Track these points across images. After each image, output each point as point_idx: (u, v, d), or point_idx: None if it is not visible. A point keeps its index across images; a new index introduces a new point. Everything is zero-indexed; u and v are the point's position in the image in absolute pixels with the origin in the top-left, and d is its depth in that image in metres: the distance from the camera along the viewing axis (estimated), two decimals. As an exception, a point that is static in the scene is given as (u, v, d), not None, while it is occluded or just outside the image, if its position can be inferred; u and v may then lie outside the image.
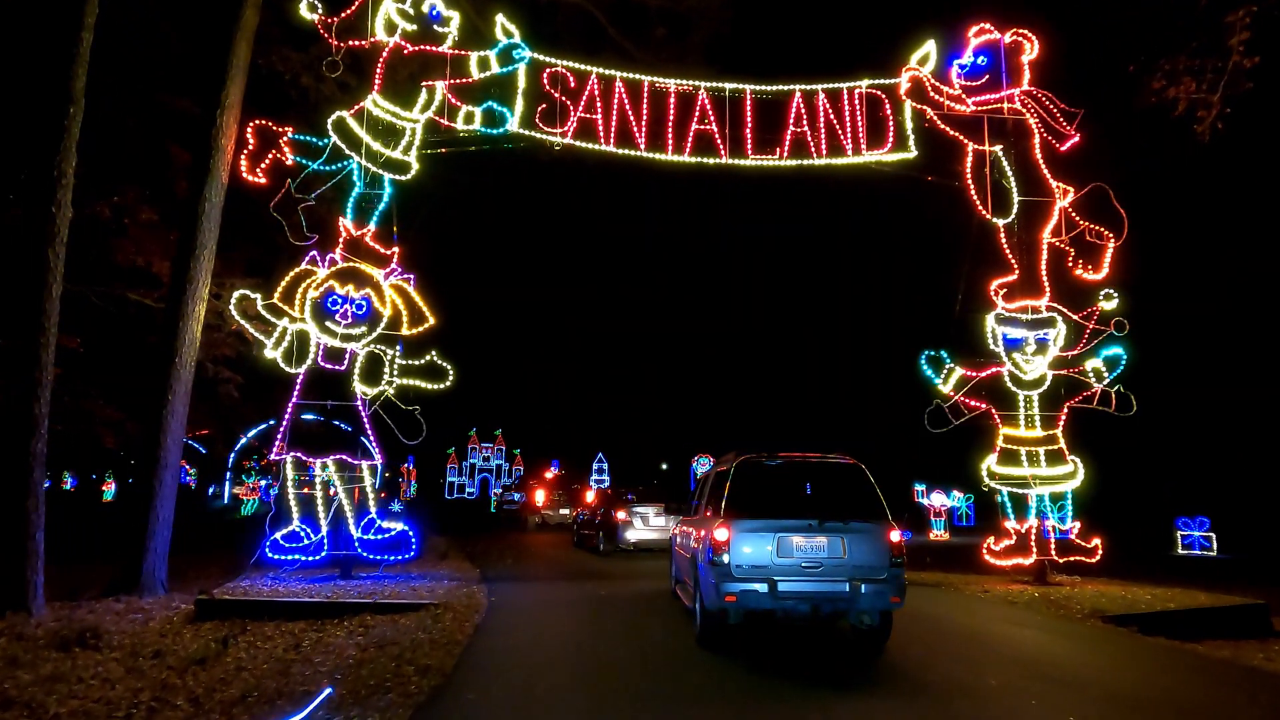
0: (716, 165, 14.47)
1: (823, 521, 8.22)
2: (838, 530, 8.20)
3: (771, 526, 8.23)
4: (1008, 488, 14.24)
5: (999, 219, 14.85)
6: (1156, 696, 7.06)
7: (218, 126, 13.05)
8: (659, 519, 20.01)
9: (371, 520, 12.90)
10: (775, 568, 8.11)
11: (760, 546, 8.16)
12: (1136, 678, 7.79)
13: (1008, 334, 14.46)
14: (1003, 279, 14.75)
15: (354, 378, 13.05)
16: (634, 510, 20.32)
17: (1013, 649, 8.86)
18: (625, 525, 20.05)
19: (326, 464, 12.93)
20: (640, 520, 20.14)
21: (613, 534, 20.34)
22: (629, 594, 12.04)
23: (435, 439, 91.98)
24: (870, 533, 8.28)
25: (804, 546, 8.17)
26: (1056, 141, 15.01)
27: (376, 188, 13.72)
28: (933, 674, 7.67)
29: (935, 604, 11.93)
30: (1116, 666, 8.23)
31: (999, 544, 14.20)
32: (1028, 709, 6.58)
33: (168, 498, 12.16)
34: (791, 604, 8.08)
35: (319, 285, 13.06)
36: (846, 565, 8.11)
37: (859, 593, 8.03)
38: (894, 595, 8.16)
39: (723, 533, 8.24)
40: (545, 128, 14.21)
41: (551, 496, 37.90)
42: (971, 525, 40.77)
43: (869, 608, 8.25)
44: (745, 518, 8.34)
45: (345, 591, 11.42)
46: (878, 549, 8.21)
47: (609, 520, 20.70)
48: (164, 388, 12.25)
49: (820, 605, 8.11)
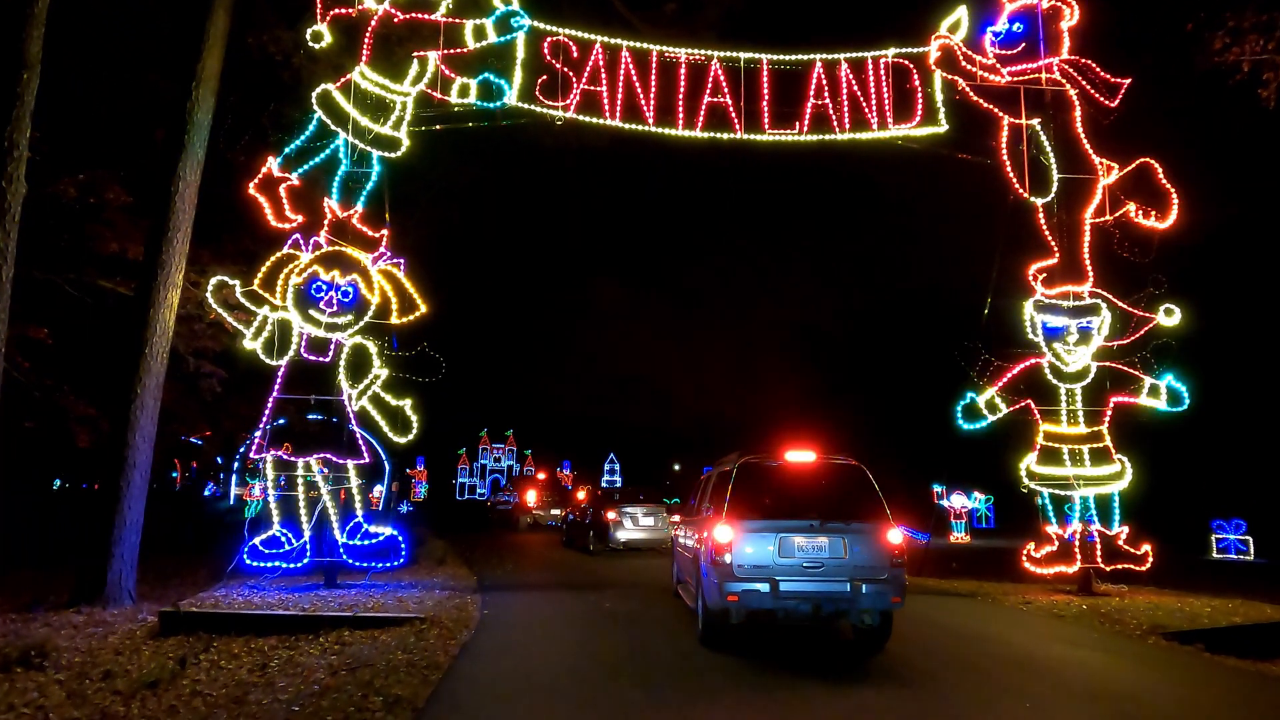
0: (731, 141, 13.40)
1: (824, 522, 8.24)
2: (839, 531, 8.24)
3: (773, 527, 8.26)
4: (1049, 489, 13.10)
5: (1037, 198, 13.71)
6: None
7: (193, 100, 12.11)
8: (647, 519, 20.71)
9: (358, 525, 11.92)
10: (777, 568, 8.15)
11: (762, 547, 8.19)
12: (1218, 710, 6.69)
13: (1048, 322, 13.32)
14: (1042, 263, 13.62)
15: (339, 370, 12.09)
16: (623, 511, 20.87)
17: (1072, 675, 7.74)
18: (615, 525, 20.53)
19: (310, 464, 11.97)
20: (629, 520, 20.66)
21: (603, 534, 20.72)
22: (631, 609, 10.98)
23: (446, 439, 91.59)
24: (871, 533, 8.31)
25: (805, 547, 8.20)
26: (1099, 114, 13.88)
27: (364, 166, 12.76)
28: (992, 716, 6.58)
29: (975, 618, 10.83)
30: (1192, 696, 7.11)
31: (1040, 550, 13.05)
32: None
33: (136, 499, 11.23)
34: (793, 603, 8.11)
35: (302, 271, 12.10)
36: (847, 565, 8.15)
37: (860, 592, 8.05)
38: (894, 595, 8.16)
39: (725, 533, 8.27)
40: (546, 101, 13.19)
41: (542, 497, 38.74)
42: (991, 527, 39.55)
43: (870, 607, 8.24)
44: (747, 518, 8.36)
45: (326, 603, 10.44)
46: (878, 549, 8.23)
47: (599, 520, 21.09)
48: (132, 380, 11.31)
49: (821, 605, 8.12)
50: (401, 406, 12.28)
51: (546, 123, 13.61)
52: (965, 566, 18.48)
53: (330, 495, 11.93)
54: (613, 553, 20.25)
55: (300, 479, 11.93)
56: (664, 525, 20.49)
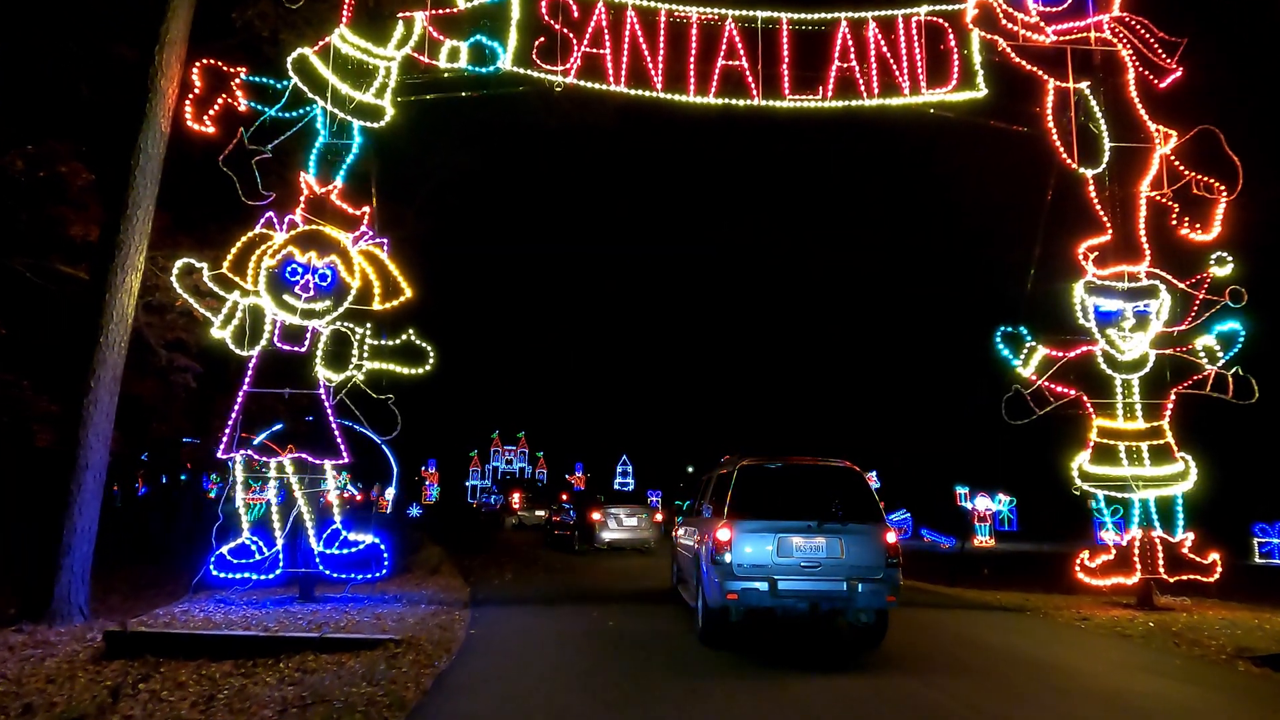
0: (747, 108, 12.17)
1: (822, 523, 8.44)
2: (836, 531, 8.42)
3: (772, 527, 8.47)
4: (1104, 491, 11.78)
5: (1087, 169, 12.40)
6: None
7: (156, 65, 10.99)
8: (630, 520, 21.43)
9: (336, 532, 10.77)
10: (775, 567, 8.35)
11: (761, 546, 8.41)
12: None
13: (1100, 305, 12.01)
14: (1093, 240, 12.31)
15: (316, 361, 10.95)
16: (608, 512, 21.50)
17: (1167, 717, 6.46)
18: (600, 526, 21.12)
19: (283, 464, 10.84)
20: (613, 521, 21.26)
21: (589, 534, 21.30)
22: (638, 630, 9.71)
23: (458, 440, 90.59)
24: (867, 534, 8.51)
25: (803, 546, 8.40)
26: (1154, 77, 12.55)
27: (344, 138, 11.65)
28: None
29: (1029, 638, 9.53)
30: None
31: (1094, 559, 11.72)
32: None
33: (89, 504, 10.11)
34: (791, 602, 8.34)
35: (275, 252, 11.00)
36: (844, 565, 8.34)
37: (856, 591, 8.25)
38: (889, 594, 8.35)
39: (725, 533, 8.48)
40: (544, 66, 12.02)
41: (527, 499, 40.41)
42: (1014, 530, 38.11)
43: (866, 606, 8.43)
44: (747, 518, 8.58)
45: (296, 620, 9.28)
46: (874, 549, 8.43)
47: (585, 521, 21.63)
48: (85, 373, 10.20)
49: (819, 603, 8.36)
50: (385, 400, 11.15)
51: (545, 90, 12.45)
52: (999, 573, 17.15)
53: (306, 499, 10.80)
54: (597, 552, 20.89)
55: (272, 481, 10.81)
56: (646, 526, 21.59)
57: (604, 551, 20.93)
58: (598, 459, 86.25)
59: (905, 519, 39.37)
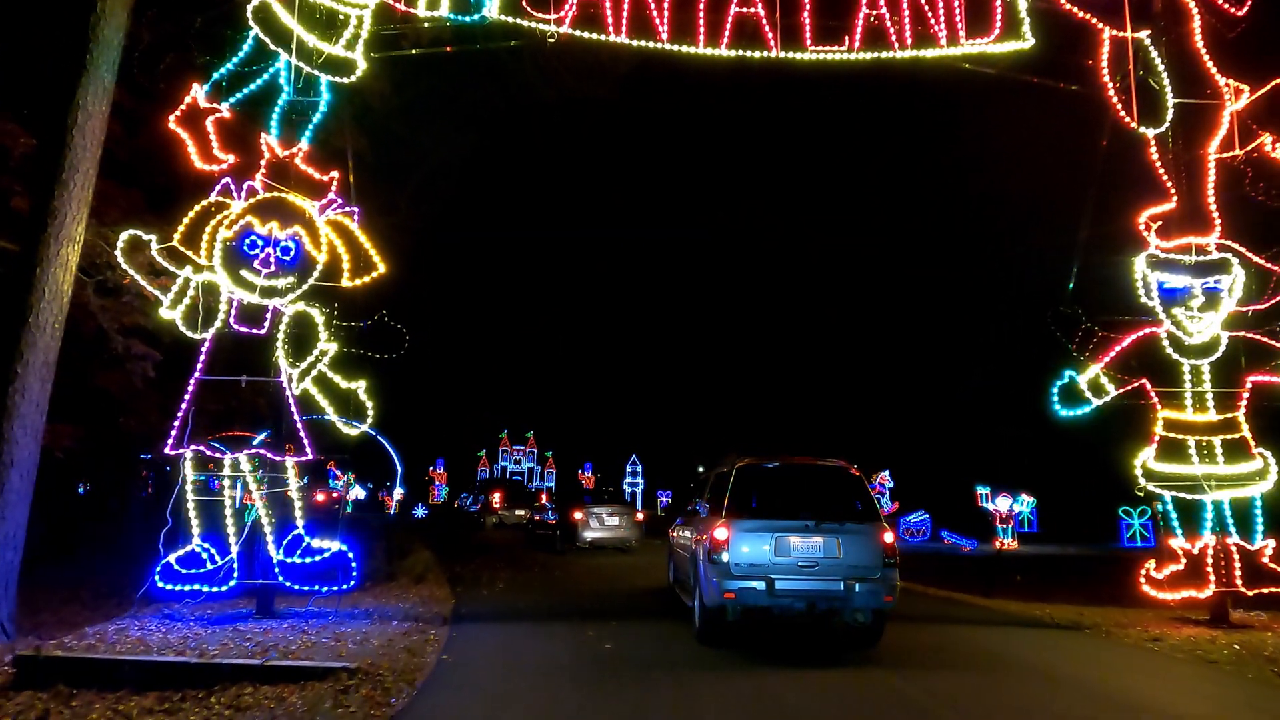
0: (763, 60, 10.81)
1: (819, 522, 8.48)
2: (833, 531, 8.46)
3: (770, 526, 8.53)
4: (1172, 492, 10.38)
5: (1148, 129, 11.00)
6: None
7: (99, 11, 9.75)
8: (612, 519, 21.61)
9: (298, 538, 9.49)
10: (773, 566, 8.39)
11: (758, 546, 8.45)
12: None
13: (1165, 282, 10.61)
14: (1156, 209, 10.90)
15: (277, 344, 9.69)
16: (590, 511, 21.69)
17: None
18: (583, 525, 21.30)
19: (239, 462, 9.58)
20: (595, 520, 21.43)
21: (571, 533, 21.46)
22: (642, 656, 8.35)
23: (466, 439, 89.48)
24: (864, 534, 8.55)
25: (801, 546, 8.45)
26: (1223, 25, 11.13)
27: (311, 95, 10.38)
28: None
29: (1095, 666, 8.13)
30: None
31: (1162, 569, 10.31)
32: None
33: (15, 507, 8.87)
34: (788, 601, 8.38)
35: (233, 222, 9.74)
36: (841, 565, 8.37)
37: (853, 591, 8.28)
38: (886, 594, 8.39)
39: (722, 532, 8.53)
40: (535, 14, 10.71)
41: (507, 499, 41.31)
42: (1035, 531, 36.63)
43: (862, 606, 8.45)
44: (744, 518, 8.65)
45: (243, 642, 8.00)
46: (871, 549, 8.47)
47: (568, 520, 21.80)
48: (10, 358, 8.96)
49: (816, 603, 8.39)
50: (354, 390, 9.88)
51: (538, 44, 11.16)
52: (1035, 581, 15.72)
53: (264, 501, 9.53)
54: (579, 551, 21.06)
55: (227, 481, 9.54)
56: (628, 525, 21.87)
57: (588, 551, 21.11)
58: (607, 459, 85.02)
59: (924, 520, 37.91)
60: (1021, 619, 10.94)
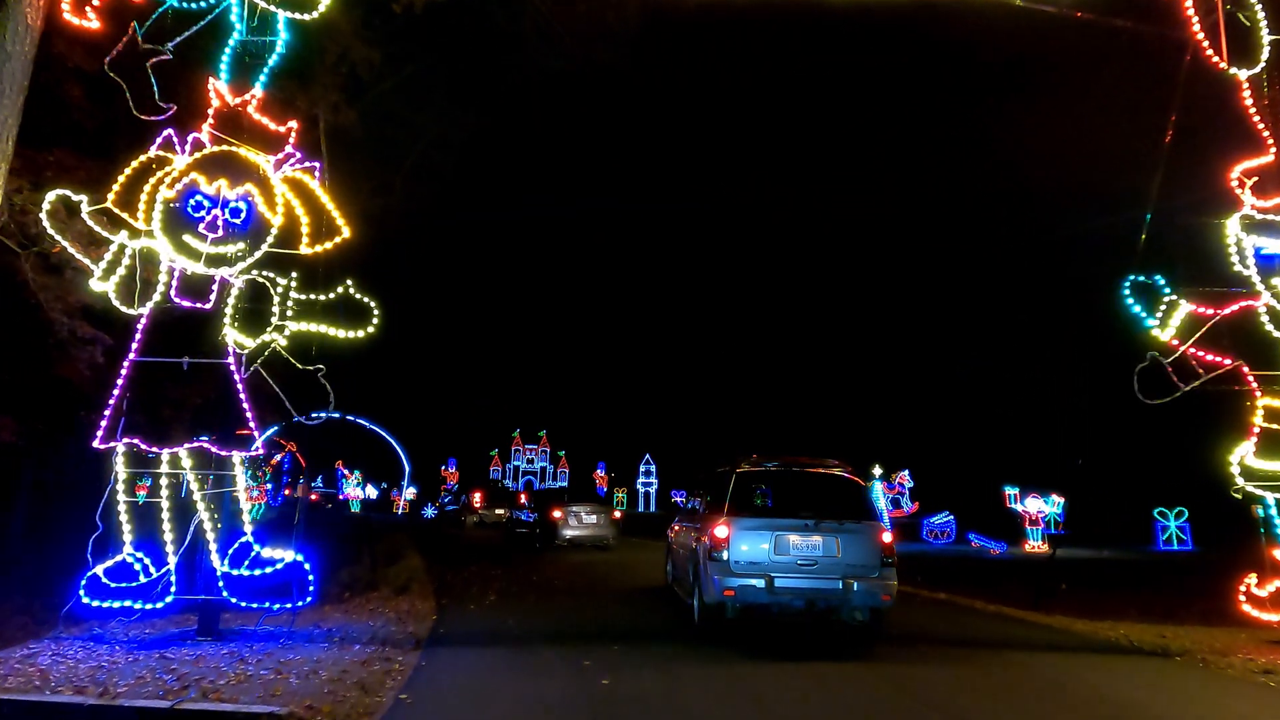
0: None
1: (818, 521, 8.65)
2: (832, 530, 8.62)
3: (769, 525, 8.73)
4: (1277, 494, 8.82)
5: (1240, 70, 9.46)
6: None
7: (20, -63, 8.43)
8: (590, 518, 22.27)
9: (246, 545, 8.10)
10: (772, 564, 8.56)
11: (758, 544, 8.62)
12: None
13: (1262, 248, 9.08)
14: (1250, 162, 9.35)
15: (225, 320, 8.32)
16: (569, 510, 22.30)
17: None
18: (562, 524, 21.91)
19: (177, 455, 8.22)
20: (574, 519, 22.06)
21: (551, 531, 22.05)
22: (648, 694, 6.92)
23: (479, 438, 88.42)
24: (863, 533, 8.72)
25: (800, 545, 8.61)
26: (1326, -50, 9.57)
27: (266, 34, 9.01)
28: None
29: (1196, 705, 6.61)
30: None
31: (1264, 585, 8.77)
32: None
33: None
34: (787, 599, 8.54)
35: (175, 180, 8.40)
36: (840, 563, 8.54)
37: (852, 590, 8.45)
38: (884, 593, 8.54)
39: (723, 530, 8.70)
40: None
41: (487, 498, 42.48)
42: (1063, 534, 35.01)
43: (861, 604, 8.58)
44: (744, 516, 8.87)
45: (159, 676, 6.56)
46: (870, 548, 8.65)
47: (547, 518, 22.38)
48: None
49: (815, 601, 8.55)
50: (315, 372, 8.51)
51: None
52: (1082, 590, 14.13)
53: (206, 503, 8.15)
54: (558, 548, 21.50)
55: (164, 480, 8.18)
56: (605, 524, 22.47)
57: (567, 549, 21.50)
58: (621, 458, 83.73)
59: (949, 522, 36.34)
60: (1094, 642, 9.39)
